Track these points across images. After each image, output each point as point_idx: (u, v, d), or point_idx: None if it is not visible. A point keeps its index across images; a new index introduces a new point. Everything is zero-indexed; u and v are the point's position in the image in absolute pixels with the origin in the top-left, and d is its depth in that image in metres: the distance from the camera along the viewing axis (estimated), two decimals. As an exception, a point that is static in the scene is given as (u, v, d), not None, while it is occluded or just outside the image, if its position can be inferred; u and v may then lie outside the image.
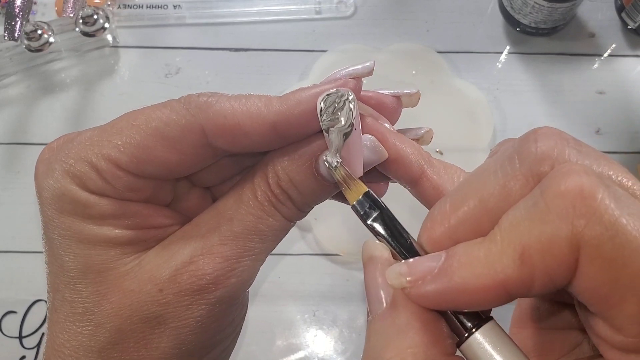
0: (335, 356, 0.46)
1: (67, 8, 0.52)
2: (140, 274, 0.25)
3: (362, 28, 0.56)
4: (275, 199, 0.25)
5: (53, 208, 0.25)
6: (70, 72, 0.55)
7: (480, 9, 0.57)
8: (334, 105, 0.23)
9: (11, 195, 0.51)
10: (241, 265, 0.25)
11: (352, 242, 0.48)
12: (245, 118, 0.24)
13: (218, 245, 0.25)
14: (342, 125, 0.23)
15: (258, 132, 0.24)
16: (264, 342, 0.47)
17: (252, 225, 0.25)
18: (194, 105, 0.24)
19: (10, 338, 0.47)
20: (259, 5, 0.57)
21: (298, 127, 0.24)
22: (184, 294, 0.24)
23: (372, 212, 0.24)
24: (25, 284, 0.48)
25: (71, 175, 0.24)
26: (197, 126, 0.24)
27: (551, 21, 0.52)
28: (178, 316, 0.24)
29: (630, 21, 0.54)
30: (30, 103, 0.54)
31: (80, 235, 0.25)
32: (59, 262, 0.25)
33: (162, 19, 0.56)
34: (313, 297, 0.48)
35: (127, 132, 0.25)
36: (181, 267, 0.24)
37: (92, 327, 0.25)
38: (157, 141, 0.24)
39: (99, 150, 0.24)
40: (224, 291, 0.25)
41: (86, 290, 0.25)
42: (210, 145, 0.25)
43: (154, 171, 0.25)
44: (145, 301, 0.24)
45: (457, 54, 0.55)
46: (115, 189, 0.25)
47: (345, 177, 0.24)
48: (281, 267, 0.49)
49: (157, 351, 0.25)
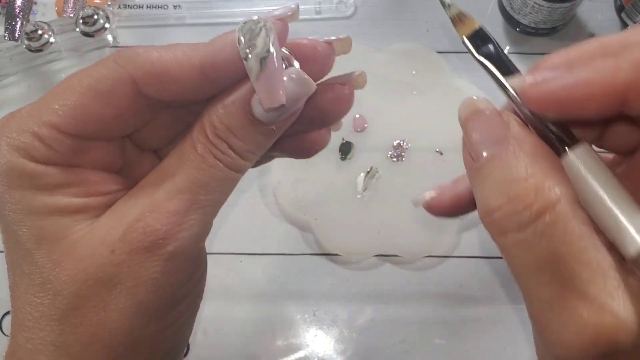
0: (335, 356, 0.46)
1: (67, 8, 0.52)
2: (92, 239, 0.25)
3: (362, 28, 0.56)
4: (215, 149, 0.26)
5: (2, 184, 0.25)
6: (70, 72, 0.54)
7: (480, 9, 0.57)
8: (250, 32, 0.24)
9: (11, 195, 0.51)
10: (189, 218, 0.25)
11: (352, 242, 0.48)
12: (172, 63, 0.25)
13: (164, 201, 0.25)
14: (258, 51, 0.23)
15: (187, 76, 0.25)
16: (264, 341, 0.47)
17: (195, 178, 0.25)
18: (123, 57, 0.25)
19: (10, 338, 0.47)
20: (259, 6, 0.57)
21: (225, 68, 0.25)
22: (135, 252, 0.25)
23: (482, 46, 0.25)
24: (25, 284, 0.48)
25: (16, 149, 0.25)
26: (127, 76, 0.25)
27: (551, 21, 0.53)
28: (133, 275, 0.25)
29: (630, 21, 0.54)
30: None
31: (31, 207, 0.25)
32: (14, 238, 0.26)
33: (162, 19, 0.56)
34: (313, 296, 0.48)
35: (63, 95, 0.25)
36: (130, 226, 0.25)
37: (51, 296, 0.25)
38: (91, 98, 0.25)
39: (38, 118, 0.25)
40: (175, 245, 0.25)
41: (42, 261, 0.25)
42: (143, 94, 0.25)
43: (94, 130, 0.25)
44: (99, 264, 0.25)
45: (457, 54, 0.55)
46: (60, 154, 0.25)
47: (458, 14, 0.26)
48: (281, 267, 0.49)
49: (115, 313, 0.25)
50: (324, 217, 0.48)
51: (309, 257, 0.49)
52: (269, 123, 0.26)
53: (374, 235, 0.48)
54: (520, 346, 0.46)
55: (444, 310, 0.48)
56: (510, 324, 0.47)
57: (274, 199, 0.50)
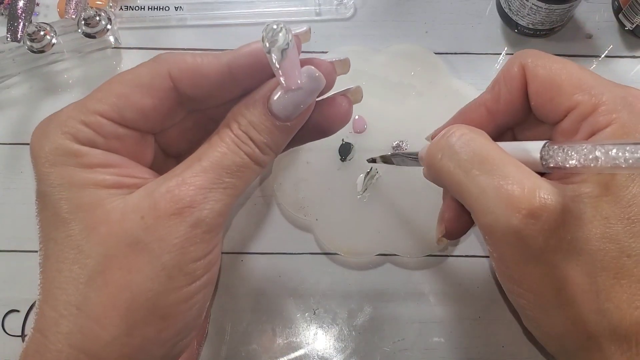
0: (335, 354, 0.47)
1: (69, 9, 0.53)
2: (124, 208, 0.28)
3: (361, 30, 0.57)
4: (237, 139, 0.30)
5: (48, 163, 0.28)
6: (72, 73, 0.55)
7: (478, 11, 0.58)
8: (272, 31, 0.27)
9: (14, 195, 0.51)
10: (213, 194, 0.28)
11: (353, 242, 0.48)
12: (204, 62, 0.30)
13: (191, 177, 0.28)
14: (280, 43, 0.27)
15: (216, 73, 0.30)
16: (264, 340, 0.47)
17: (219, 160, 0.29)
18: (161, 58, 0.30)
19: (12, 337, 0.47)
20: (259, 7, 0.57)
21: (249, 68, 0.30)
22: (163, 217, 0.27)
23: None
24: (27, 283, 0.48)
25: (63, 132, 0.28)
26: (164, 72, 0.30)
27: (549, 22, 0.53)
28: (158, 238, 0.27)
29: (628, 22, 0.55)
30: (32, 104, 0.54)
31: (72, 181, 0.28)
32: (52, 210, 0.28)
33: (163, 20, 0.57)
34: (313, 295, 0.48)
35: (107, 87, 0.30)
36: (159, 196, 0.28)
37: (81, 259, 0.27)
38: (132, 88, 0.29)
39: (85, 107, 0.29)
40: (198, 215, 0.28)
41: (77, 227, 0.28)
42: (177, 89, 0.30)
43: (133, 117, 0.30)
44: (129, 227, 0.27)
45: (456, 55, 0.55)
46: (102, 138, 0.29)
47: None
48: (281, 266, 0.49)
49: (139, 274, 0.27)
50: (324, 218, 0.49)
51: (309, 256, 0.49)
52: (285, 119, 0.30)
53: (374, 235, 0.48)
54: (519, 345, 0.47)
55: (443, 309, 0.48)
56: (509, 323, 0.47)
57: (275, 199, 0.50)
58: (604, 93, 0.31)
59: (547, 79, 0.32)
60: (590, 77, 0.31)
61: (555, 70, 0.32)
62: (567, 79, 0.31)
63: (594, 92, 0.31)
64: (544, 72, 0.32)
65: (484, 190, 0.29)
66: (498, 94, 0.35)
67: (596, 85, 0.31)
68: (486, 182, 0.29)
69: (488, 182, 0.29)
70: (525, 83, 0.33)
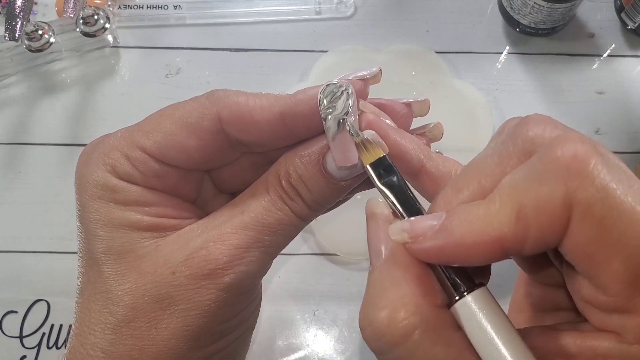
0: (335, 355, 0.46)
1: (67, 8, 0.52)
2: (156, 257, 0.26)
3: (362, 29, 0.56)
4: (285, 195, 0.27)
5: (87, 194, 0.27)
6: (70, 72, 0.55)
7: (480, 10, 0.57)
8: (332, 94, 0.25)
9: (12, 196, 0.51)
10: (250, 254, 0.26)
11: (352, 243, 0.48)
12: (256, 107, 0.26)
13: (229, 233, 0.26)
14: (337, 113, 0.25)
15: (267, 121, 0.26)
16: (264, 341, 0.47)
17: (262, 217, 0.27)
18: (214, 96, 0.27)
19: (10, 338, 0.47)
20: (259, 6, 0.57)
21: (303, 119, 0.26)
22: (194, 277, 0.26)
23: (386, 175, 0.25)
24: (26, 284, 0.48)
25: (104, 164, 0.27)
26: (214, 112, 0.27)
27: (551, 21, 0.53)
28: (188, 298, 0.26)
29: (630, 21, 0.54)
30: (31, 103, 0.54)
31: (106, 218, 0.27)
32: (88, 246, 0.27)
33: (162, 19, 0.56)
34: (313, 296, 0.48)
35: (155, 121, 0.27)
36: (194, 252, 0.26)
37: (110, 305, 0.26)
38: (179, 127, 0.27)
39: (130, 139, 0.27)
40: (232, 277, 0.26)
41: (107, 271, 0.27)
42: (225, 132, 0.27)
43: (175, 156, 0.27)
44: (158, 282, 0.26)
45: (457, 54, 0.55)
46: (142, 175, 0.27)
47: (364, 141, 0.25)
48: (282, 267, 0.49)
49: (166, 331, 0.26)
50: (324, 219, 0.48)
51: (309, 257, 0.49)
52: (339, 179, 0.27)
53: (373, 235, 0.48)
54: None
55: (443, 310, 0.48)
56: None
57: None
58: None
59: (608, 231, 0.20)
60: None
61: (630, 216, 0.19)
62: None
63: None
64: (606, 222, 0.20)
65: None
66: (524, 230, 0.21)
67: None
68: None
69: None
70: (567, 225, 0.20)
